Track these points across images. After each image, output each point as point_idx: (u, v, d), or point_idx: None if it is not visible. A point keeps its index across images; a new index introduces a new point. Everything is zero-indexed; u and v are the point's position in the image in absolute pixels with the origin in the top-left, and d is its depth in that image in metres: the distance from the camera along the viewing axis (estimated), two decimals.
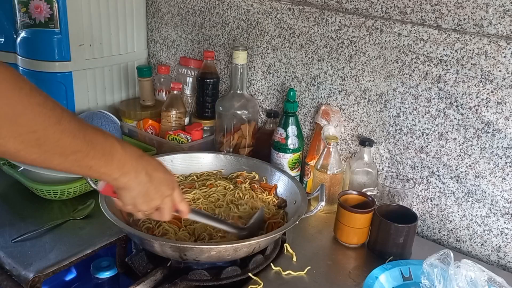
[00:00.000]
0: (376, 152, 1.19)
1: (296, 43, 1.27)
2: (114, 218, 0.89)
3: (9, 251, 0.95)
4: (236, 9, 1.37)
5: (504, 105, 0.98)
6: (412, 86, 1.10)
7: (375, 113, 1.18)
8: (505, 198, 1.03)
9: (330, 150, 1.15)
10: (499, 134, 1.00)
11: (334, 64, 1.21)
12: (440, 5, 1.02)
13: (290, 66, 1.30)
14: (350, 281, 0.94)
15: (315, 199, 1.11)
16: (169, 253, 0.87)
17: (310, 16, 1.22)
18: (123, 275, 1.01)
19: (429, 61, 1.06)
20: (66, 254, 0.95)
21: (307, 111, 1.31)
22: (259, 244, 0.90)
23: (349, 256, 1.03)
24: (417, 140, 1.12)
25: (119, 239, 1.01)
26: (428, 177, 1.12)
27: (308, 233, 1.10)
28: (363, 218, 1.03)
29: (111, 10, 1.44)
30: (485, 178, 1.04)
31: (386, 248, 1.01)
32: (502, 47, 0.96)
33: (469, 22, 0.99)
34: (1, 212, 1.08)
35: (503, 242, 1.05)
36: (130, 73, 1.55)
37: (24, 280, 0.88)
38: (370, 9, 1.12)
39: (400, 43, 1.09)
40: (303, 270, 0.95)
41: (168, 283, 0.89)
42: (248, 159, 1.20)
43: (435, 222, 1.14)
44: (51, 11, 1.29)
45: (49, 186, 1.10)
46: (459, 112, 1.04)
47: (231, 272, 0.92)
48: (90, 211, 1.09)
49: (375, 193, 1.10)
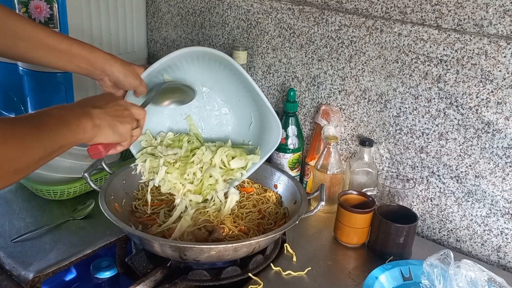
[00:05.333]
0: (376, 152, 1.19)
1: (296, 43, 1.27)
2: (114, 218, 0.89)
3: (9, 251, 0.95)
4: (236, 9, 1.37)
5: (504, 105, 0.98)
6: (412, 86, 1.10)
7: (375, 113, 1.18)
8: (505, 198, 1.03)
9: (330, 150, 1.15)
10: (499, 134, 1.00)
11: (334, 64, 1.21)
12: (440, 5, 1.02)
13: (290, 66, 1.30)
14: (350, 281, 0.94)
15: (315, 199, 1.11)
16: (169, 253, 0.87)
17: (310, 16, 1.22)
18: (123, 275, 1.01)
19: (429, 61, 1.06)
20: (66, 254, 0.95)
21: (307, 111, 1.31)
22: (259, 244, 0.90)
23: (349, 256, 1.03)
24: (417, 140, 1.12)
25: (119, 239, 1.01)
26: (428, 177, 1.12)
27: (308, 233, 1.10)
28: (363, 218, 1.03)
29: (111, 10, 1.44)
30: (485, 178, 1.04)
31: (386, 248, 1.01)
32: (502, 47, 0.96)
33: (469, 22, 0.99)
34: (1, 212, 1.09)
35: (503, 242, 1.05)
36: None
37: (24, 280, 0.88)
38: (370, 9, 1.12)
39: (400, 43, 1.09)
40: (303, 270, 0.95)
41: (168, 283, 0.89)
42: None
43: (435, 222, 1.14)
44: (51, 11, 1.29)
45: (49, 186, 1.10)
46: (459, 112, 1.04)
47: (231, 272, 0.92)
48: (90, 211, 1.10)
49: (375, 193, 1.10)
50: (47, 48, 0.87)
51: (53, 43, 0.87)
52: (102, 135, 0.79)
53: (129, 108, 0.87)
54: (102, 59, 0.92)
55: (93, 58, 0.91)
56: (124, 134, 0.84)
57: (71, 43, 0.89)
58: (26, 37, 0.86)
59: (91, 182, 0.98)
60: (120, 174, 1.06)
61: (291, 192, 1.09)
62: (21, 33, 0.85)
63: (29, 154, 0.64)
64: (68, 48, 0.88)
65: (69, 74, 1.35)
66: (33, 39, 0.86)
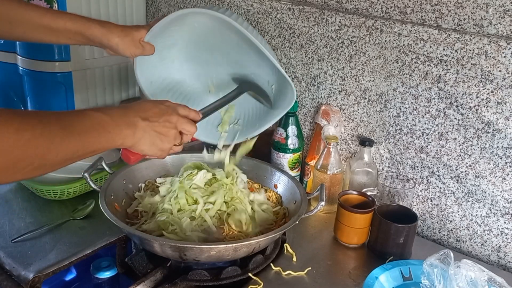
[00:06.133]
0: (376, 152, 1.19)
1: (296, 43, 1.27)
2: (114, 218, 0.89)
3: (9, 251, 0.95)
4: (236, 9, 1.37)
5: (504, 105, 0.98)
6: (412, 86, 1.10)
7: (375, 113, 1.17)
8: (505, 198, 1.03)
9: (330, 150, 1.15)
10: (499, 134, 1.00)
11: (334, 64, 1.21)
12: (440, 5, 1.02)
13: (290, 66, 1.30)
14: (350, 281, 0.94)
15: (315, 199, 1.11)
16: (169, 253, 0.87)
17: (310, 16, 1.22)
18: (123, 275, 1.01)
19: (429, 61, 1.06)
20: (66, 254, 0.95)
21: (307, 111, 1.31)
22: (259, 244, 0.90)
23: (349, 256, 1.03)
24: (417, 140, 1.12)
25: (119, 239, 1.01)
26: (428, 177, 1.12)
27: (308, 233, 1.10)
28: (363, 218, 1.03)
29: (111, 10, 1.44)
30: (485, 178, 1.04)
31: (386, 248, 1.01)
32: (502, 47, 0.96)
33: (469, 22, 0.99)
34: (1, 212, 1.09)
35: (503, 242, 1.05)
36: (130, 73, 1.55)
37: (24, 280, 0.88)
38: (370, 9, 1.12)
39: (400, 43, 1.09)
40: (303, 270, 0.95)
41: (168, 283, 0.89)
42: (248, 159, 1.20)
43: (435, 222, 1.14)
44: None
45: (49, 186, 1.10)
46: (459, 112, 1.04)
47: (231, 272, 0.92)
48: (90, 211, 1.10)
49: (375, 193, 1.10)
50: (42, 28, 0.87)
51: (48, 23, 0.86)
52: (140, 147, 0.78)
53: (179, 125, 0.83)
54: (98, 34, 0.90)
55: (89, 34, 0.90)
56: (163, 151, 0.82)
57: (66, 21, 0.88)
58: (21, 20, 0.85)
59: (91, 182, 0.98)
60: (120, 174, 1.06)
61: (291, 192, 1.09)
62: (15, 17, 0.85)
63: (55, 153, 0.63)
64: (63, 27, 0.87)
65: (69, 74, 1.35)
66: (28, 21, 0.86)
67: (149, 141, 0.78)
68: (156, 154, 0.82)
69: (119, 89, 1.54)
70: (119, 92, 1.54)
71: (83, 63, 1.38)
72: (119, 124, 0.73)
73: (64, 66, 1.34)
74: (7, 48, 1.39)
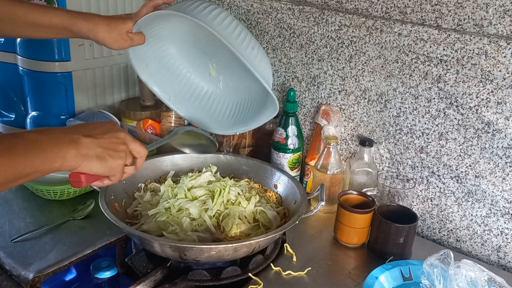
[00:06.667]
0: (376, 152, 1.19)
1: (296, 43, 1.27)
2: (114, 218, 0.89)
3: (9, 251, 0.95)
4: (236, 9, 1.37)
5: (504, 105, 0.98)
6: (412, 86, 1.10)
7: (375, 113, 1.18)
8: (505, 198, 1.03)
9: (330, 150, 1.15)
10: (499, 134, 1.00)
11: (334, 64, 1.21)
12: (440, 5, 1.02)
13: (290, 66, 1.30)
14: (350, 281, 0.94)
15: (315, 199, 1.11)
16: (169, 253, 0.87)
17: (310, 16, 1.22)
18: (123, 275, 1.01)
19: (429, 61, 1.06)
20: (66, 254, 0.95)
21: (307, 111, 1.31)
22: (259, 244, 0.90)
23: (349, 256, 1.03)
24: (417, 140, 1.12)
25: (119, 239, 1.01)
26: (428, 177, 1.12)
27: (308, 233, 1.10)
28: (363, 218, 1.03)
29: (111, 10, 1.44)
30: (485, 178, 1.04)
31: (386, 248, 1.01)
32: (502, 47, 0.96)
33: (469, 22, 0.99)
34: (1, 212, 1.09)
35: (503, 242, 1.05)
36: (130, 73, 1.55)
37: (24, 280, 0.88)
38: (370, 9, 1.12)
39: (400, 43, 1.09)
40: (303, 270, 0.95)
41: (168, 283, 0.89)
42: (248, 159, 1.20)
43: (435, 222, 1.14)
44: None
45: (49, 186, 1.10)
46: (459, 112, 1.04)
47: (231, 272, 0.92)
48: (90, 211, 1.09)
49: (375, 193, 1.10)
50: (30, 25, 0.87)
51: (34, 20, 0.86)
52: (87, 166, 0.72)
53: (128, 143, 0.79)
54: (84, 29, 0.90)
55: (76, 30, 0.90)
56: (114, 169, 0.76)
57: (51, 17, 0.87)
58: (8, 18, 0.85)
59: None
60: None
61: (291, 192, 1.09)
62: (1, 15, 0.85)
63: None
64: (49, 23, 0.87)
65: (69, 74, 1.35)
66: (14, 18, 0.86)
67: (96, 158, 0.73)
68: (107, 173, 0.76)
69: (119, 89, 1.54)
70: (119, 92, 1.54)
71: (83, 63, 1.38)
72: (57, 144, 0.68)
73: (64, 66, 1.34)
74: (7, 48, 1.39)
